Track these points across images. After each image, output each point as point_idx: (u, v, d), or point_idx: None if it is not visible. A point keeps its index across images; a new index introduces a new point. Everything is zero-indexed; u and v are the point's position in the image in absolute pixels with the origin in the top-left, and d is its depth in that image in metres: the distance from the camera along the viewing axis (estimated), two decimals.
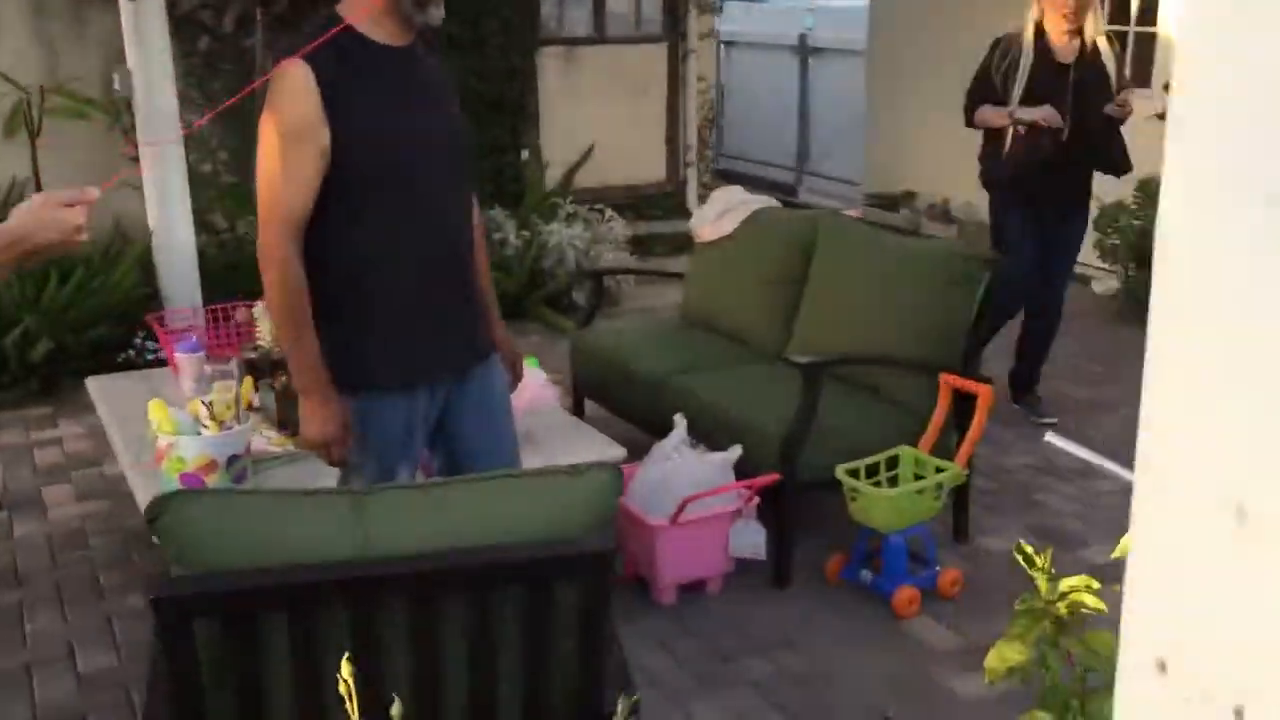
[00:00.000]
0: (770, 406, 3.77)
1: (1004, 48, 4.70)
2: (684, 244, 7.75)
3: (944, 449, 3.69)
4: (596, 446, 3.48)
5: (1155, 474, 0.89)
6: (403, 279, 2.59)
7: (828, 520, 3.97)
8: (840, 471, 3.54)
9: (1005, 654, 1.69)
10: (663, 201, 7.90)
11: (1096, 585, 1.63)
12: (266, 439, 3.31)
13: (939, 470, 3.58)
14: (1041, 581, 1.68)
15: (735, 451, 3.51)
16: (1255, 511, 0.74)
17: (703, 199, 8.15)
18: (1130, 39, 6.81)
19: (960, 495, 3.87)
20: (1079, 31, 4.62)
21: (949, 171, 8.08)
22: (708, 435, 3.73)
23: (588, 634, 1.94)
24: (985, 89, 4.79)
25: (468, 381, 2.76)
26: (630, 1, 7.82)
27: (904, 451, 3.65)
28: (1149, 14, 6.79)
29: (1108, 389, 5.36)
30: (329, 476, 2.65)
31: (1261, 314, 0.70)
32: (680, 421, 3.68)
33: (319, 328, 2.52)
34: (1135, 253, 6.23)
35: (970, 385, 3.67)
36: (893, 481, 3.63)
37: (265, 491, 2.12)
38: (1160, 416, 0.85)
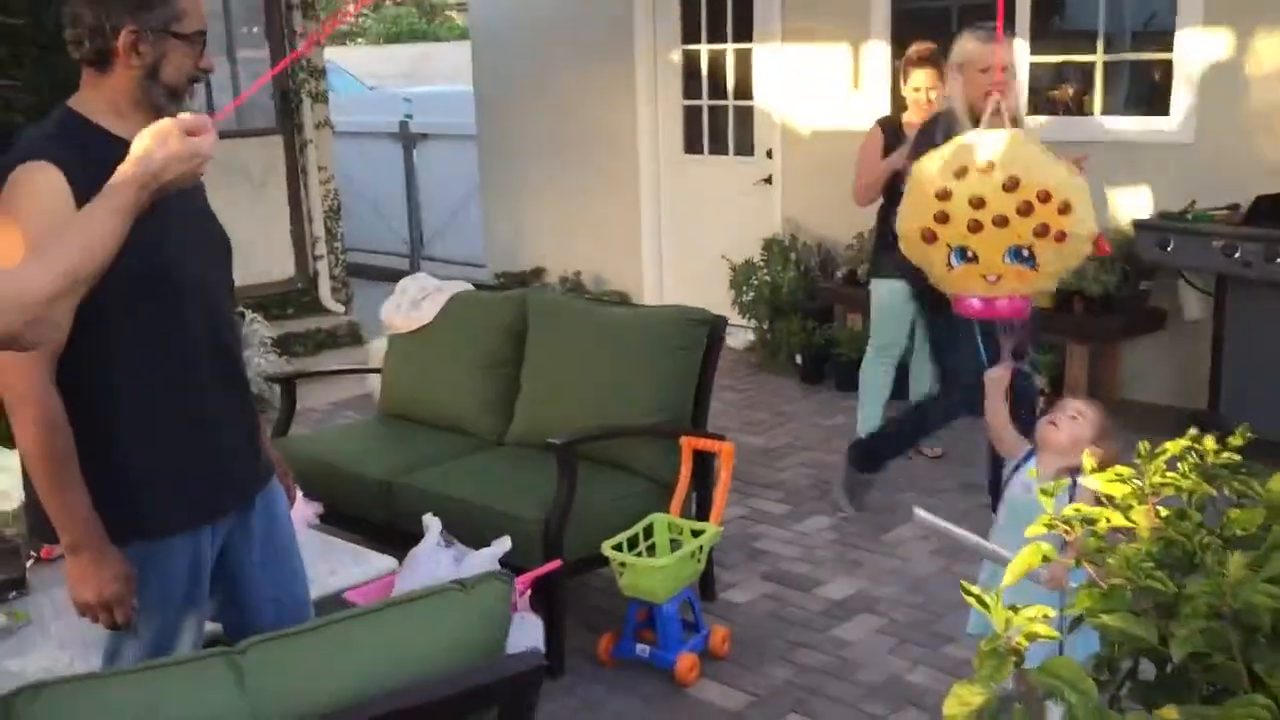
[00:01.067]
0: (520, 493, 3.68)
1: (945, 129, 4.21)
2: (325, 341, 7.44)
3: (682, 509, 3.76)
4: (365, 562, 3.22)
5: None
6: (176, 401, 2.27)
7: (584, 601, 3.91)
8: (607, 547, 3.50)
9: (965, 697, 1.72)
10: (296, 299, 7.52)
11: (1051, 613, 1.69)
12: None
13: (695, 532, 3.63)
14: (999, 619, 1.72)
15: (503, 545, 3.37)
16: None
17: (336, 294, 7.86)
18: None
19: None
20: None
21: (577, 247, 8.34)
22: (458, 532, 3.56)
23: None
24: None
25: (252, 509, 2.46)
26: (235, 93, 7.42)
27: (657, 519, 3.67)
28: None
29: (779, 434, 5.70)
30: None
31: None
32: (434, 522, 3.48)
33: (82, 470, 2.15)
34: (769, 307, 6.69)
35: (711, 445, 3.77)
36: (651, 550, 3.64)
37: (129, 670, 1.77)
38: None
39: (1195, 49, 5.48)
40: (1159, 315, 5.68)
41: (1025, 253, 3.41)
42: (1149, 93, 5.83)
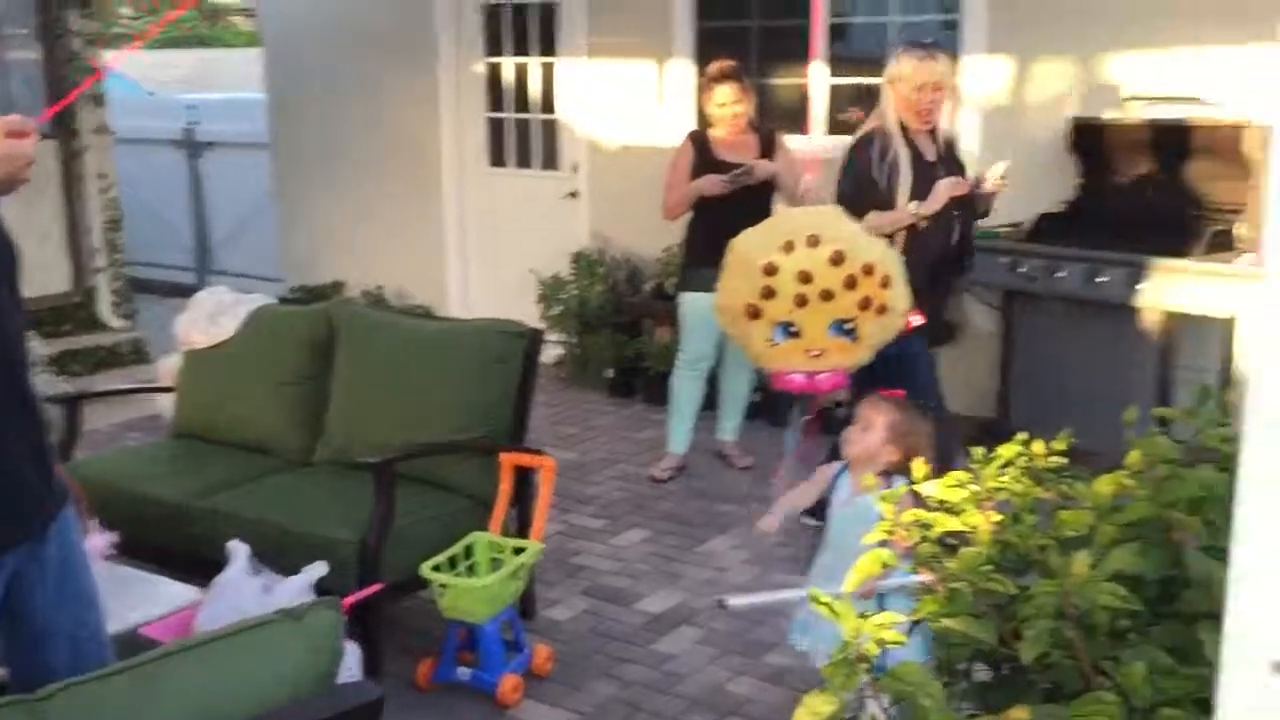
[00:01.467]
0: (332, 514, 3.53)
1: (880, 147, 4.17)
2: (106, 359, 7.00)
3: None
4: (164, 593, 3.01)
5: (1260, 479, 0.98)
6: None
7: (400, 625, 3.78)
8: (426, 569, 3.39)
9: (816, 707, 1.72)
10: (73, 314, 7.04)
11: (901, 619, 1.71)
12: None
13: (516, 550, 3.56)
14: (849, 626, 1.72)
15: (318, 569, 3.21)
16: None
17: (117, 309, 7.41)
18: None
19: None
20: (934, 129, 4.31)
21: (378, 260, 8.12)
22: (267, 558, 3.37)
23: None
24: (869, 193, 4.15)
25: (44, 540, 2.26)
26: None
27: (477, 537, 3.58)
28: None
29: (591, 448, 5.67)
30: None
31: None
32: (239, 548, 3.29)
33: None
34: (578, 321, 6.67)
35: (532, 460, 3.70)
36: (471, 570, 3.54)
37: None
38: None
39: (979, 75, 5.77)
40: (950, 329, 5.94)
41: (848, 326, 3.50)
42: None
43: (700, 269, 5.05)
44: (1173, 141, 5.05)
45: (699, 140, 5.19)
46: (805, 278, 3.38)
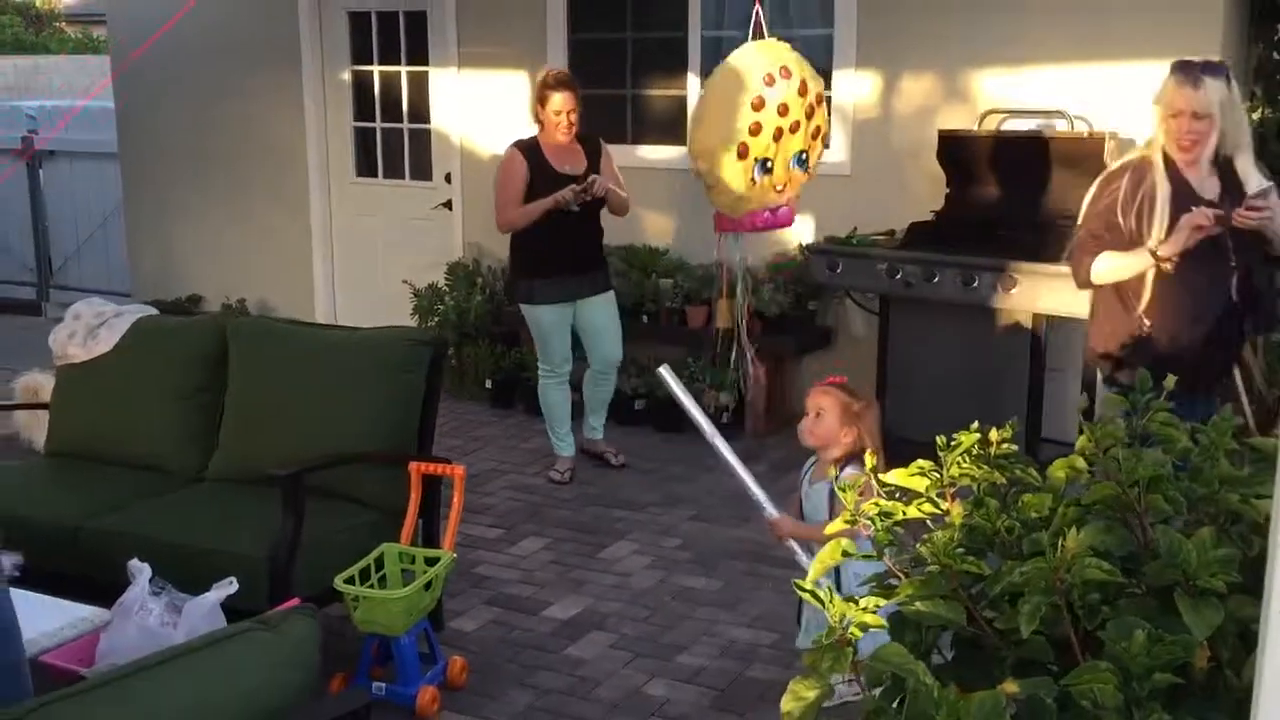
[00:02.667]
0: (236, 529, 3.42)
1: (1133, 179, 3.51)
2: None
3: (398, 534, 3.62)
4: (69, 616, 2.85)
5: None
6: None
7: None
8: (339, 582, 3.31)
9: (801, 692, 1.75)
10: None
11: (882, 602, 1.76)
12: None
13: (429, 560, 3.50)
14: (834, 612, 1.76)
15: (228, 587, 3.09)
16: None
17: None
18: None
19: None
20: (1216, 160, 3.52)
21: (238, 272, 7.88)
22: (169, 577, 3.24)
23: None
24: (1113, 233, 3.53)
25: None
26: None
27: (387, 549, 3.52)
28: None
29: (478, 458, 5.61)
30: None
31: None
32: (141, 568, 3.15)
33: None
34: (456, 332, 6.59)
35: (443, 469, 3.65)
36: (382, 581, 3.48)
37: None
38: None
39: (850, 89, 5.96)
40: (827, 333, 6.11)
41: (804, 156, 3.52)
42: None
43: (543, 280, 5.12)
44: (1037, 153, 5.31)
45: (529, 150, 5.12)
46: (783, 110, 3.38)
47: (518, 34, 6.74)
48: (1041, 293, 4.92)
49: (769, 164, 3.33)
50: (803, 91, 3.22)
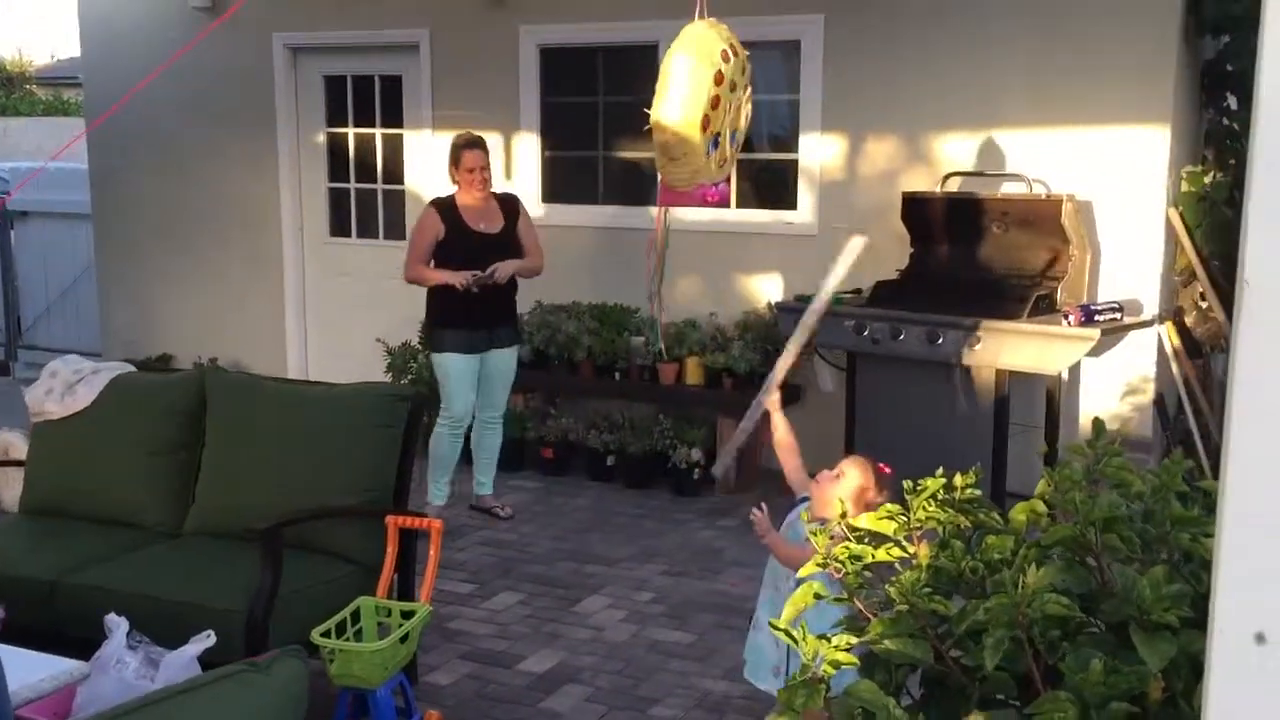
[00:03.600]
0: (213, 583, 3.43)
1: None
2: None
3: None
4: (48, 668, 2.86)
5: (1245, 459, 1.13)
6: None
7: None
8: (316, 635, 3.33)
9: None
10: None
11: (854, 640, 1.82)
12: None
13: (405, 614, 3.53)
14: (807, 650, 1.82)
15: (206, 640, 3.11)
16: None
17: None
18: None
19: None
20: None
21: (210, 332, 7.91)
22: (145, 631, 3.25)
23: None
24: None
25: None
26: None
27: (364, 602, 3.54)
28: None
29: (450, 514, 5.63)
30: None
31: None
32: (119, 622, 3.17)
33: None
34: (428, 388, 6.64)
35: (419, 522, 3.69)
36: (358, 635, 3.50)
37: None
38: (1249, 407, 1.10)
39: (816, 152, 6.12)
40: (796, 389, 6.20)
41: (735, 136, 3.61)
42: (779, 188, 6.40)
43: (451, 330, 5.32)
44: (997, 214, 5.47)
45: (445, 208, 5.34)
46: (732, 87, 3.47)
47: (492, 97, 6.87)
48: (1004, 349, 5.05)
49: (718, 139, 3.45)
50: (742, 71, 3.34)
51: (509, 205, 5.46)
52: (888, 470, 3.23)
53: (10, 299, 9.36)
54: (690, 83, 3.47)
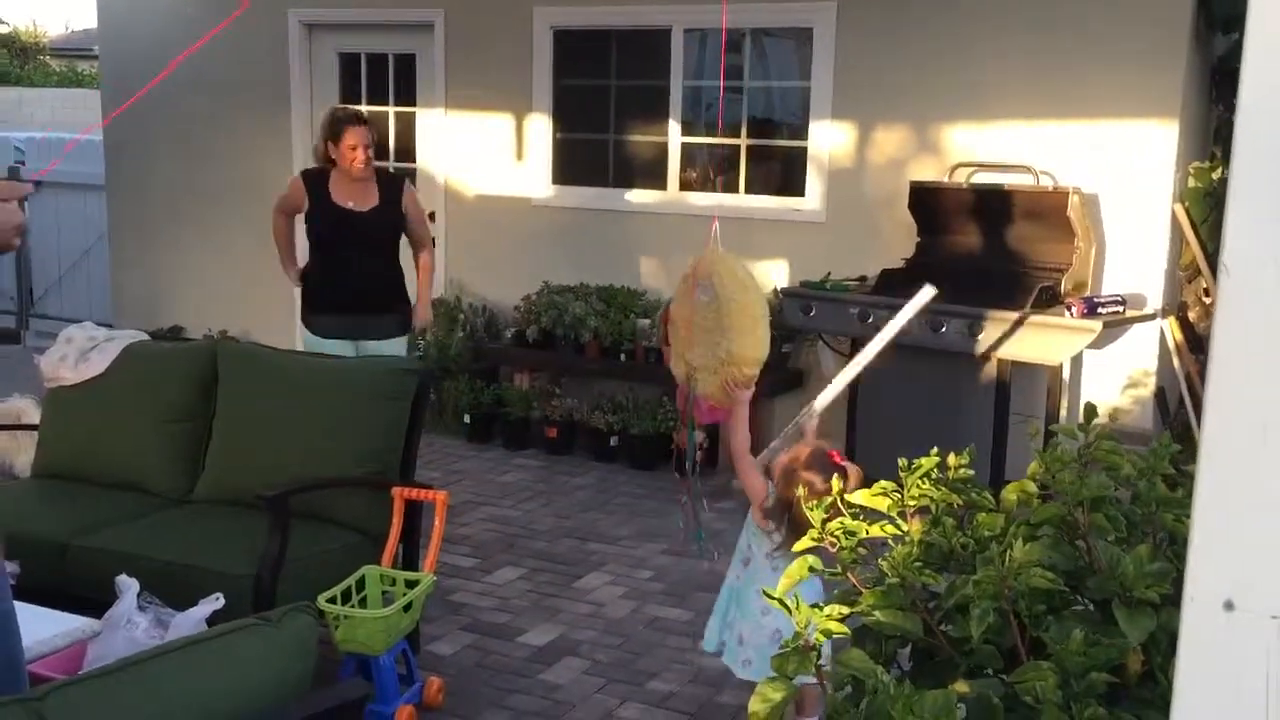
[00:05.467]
0: (222, 549, 3.50)
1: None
2: None
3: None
4: (61, 625, 2.94)
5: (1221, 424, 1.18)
6: None
7: None
8: (322, 601, 3.40)
9: (768, 694, 1.86)
10: None
11: (846, 611, 1.88)
12: None
13: (409, 583, 3.60)
14: (800, 618, 1.88)
15: (214, 602, 3.18)
16: None
17: None
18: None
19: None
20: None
21: (221, 304, 7.97)
22: (155, 592, 3.32)
23: None
24: None
25: None
26: None
27: (369, 571, 3.61)
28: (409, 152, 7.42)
29: (456, 490, 5.68)
30: None
31: None
32: (129, 583, 3.23)
33: None
34: (437, 367, 6.71)
35: (425, 494, 3.75)
36: (363, 603, 3.56)
37: None
38: (1226, 381, 1.15)
39: (825, 139, 6.15)
40: (799, 375, 6.25)
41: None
42: (788, 175, 6.45)
43: (319, 312, 4.92)
44: (1004, 205, 5.51)
45: (313, 180, 4.94)
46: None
47: (505, 78, 6.91)
48: (1007, 340, 5.09)
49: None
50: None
51: (391, 184, 5.01)
52: (837, 459, 3.30)
53: (23, 268, 9.43)
54: (759, 319, 3.64)
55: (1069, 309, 5.08)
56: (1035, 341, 5.10)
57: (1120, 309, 5.21)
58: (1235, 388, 1.14)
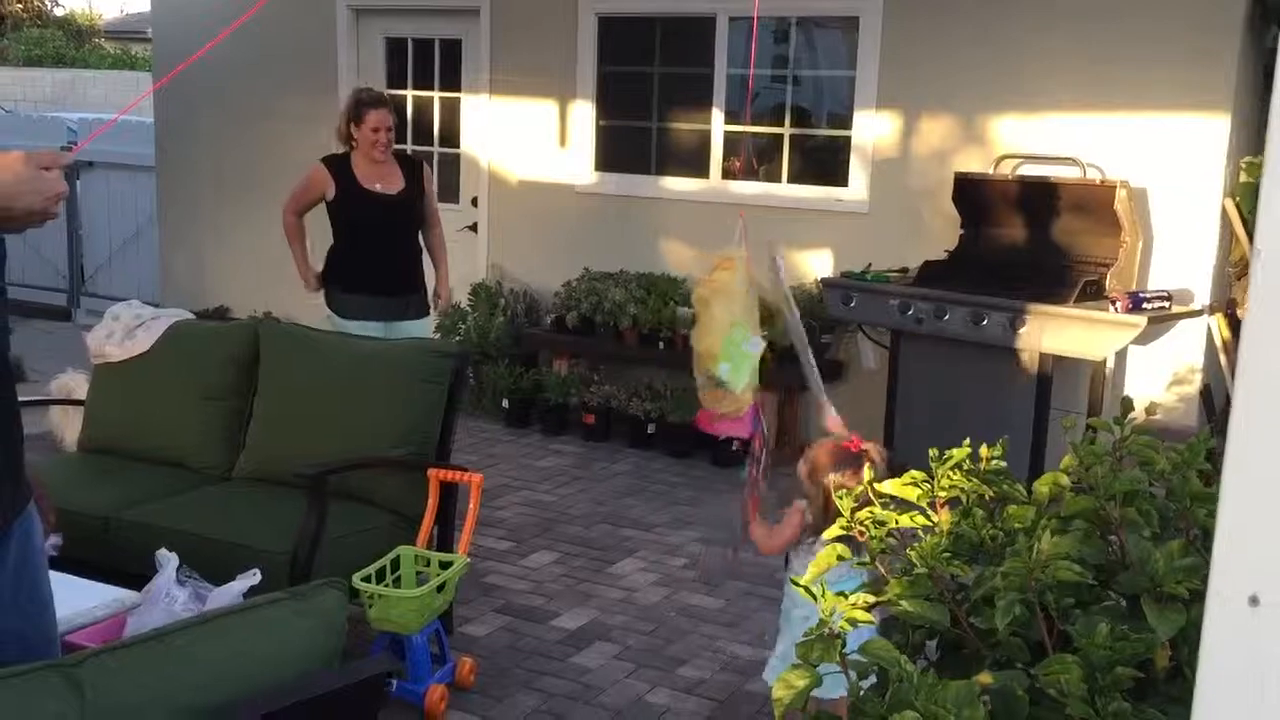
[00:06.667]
0: (260, 525, 3.55)
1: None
2: None
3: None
4: (101, 596, 2.99)
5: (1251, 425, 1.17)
6: None
7: None
8: (357, 580, 3.43)
9: (792, 681, 1.86)
10: None
11: (872, 600, 1.87)
12: None
13: (443, 564, 3.63)
14: (826, 604, 1.88)
15: (251, 578, 3.22)
16: None
17: None
18: (435, 159, 7.41)
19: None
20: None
21: (265, 286, 8.05)
22: (194, 567, 3.37)
23: None
24: None
25: (7, 538, 2.26)
26: None
27: (404, 551, 3.64)
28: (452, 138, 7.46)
29: (493, 474, 5.72)
30: None
31: None
32: (169, 558, 3.29)
33: None
34: (477, 351, 6.75)
35: (460, 476, 3.78)
36: (397, 583, 3.60)
37: None
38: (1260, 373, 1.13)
39: (869, 129, 6.11)
40: (839, 366, 6.23)
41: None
42: (831, 165, 6.41)
43: (350, 295, 4.96)
44: (1049, 198, 5.45)
45: (337, 166, 4.96)
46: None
47: (549, 64, 6.93)
48: (1049, 333, 5.04)
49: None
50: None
51: (412, 167, 5.07)
52: (855, 447, 3.25)
53: (74, 247, 9.59)
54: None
55: (1113, 304, 5.02)
56: (1078, 336, 5.04)
57: (1166, 304, 5.14)
58: (1265, 378, 1.13)
